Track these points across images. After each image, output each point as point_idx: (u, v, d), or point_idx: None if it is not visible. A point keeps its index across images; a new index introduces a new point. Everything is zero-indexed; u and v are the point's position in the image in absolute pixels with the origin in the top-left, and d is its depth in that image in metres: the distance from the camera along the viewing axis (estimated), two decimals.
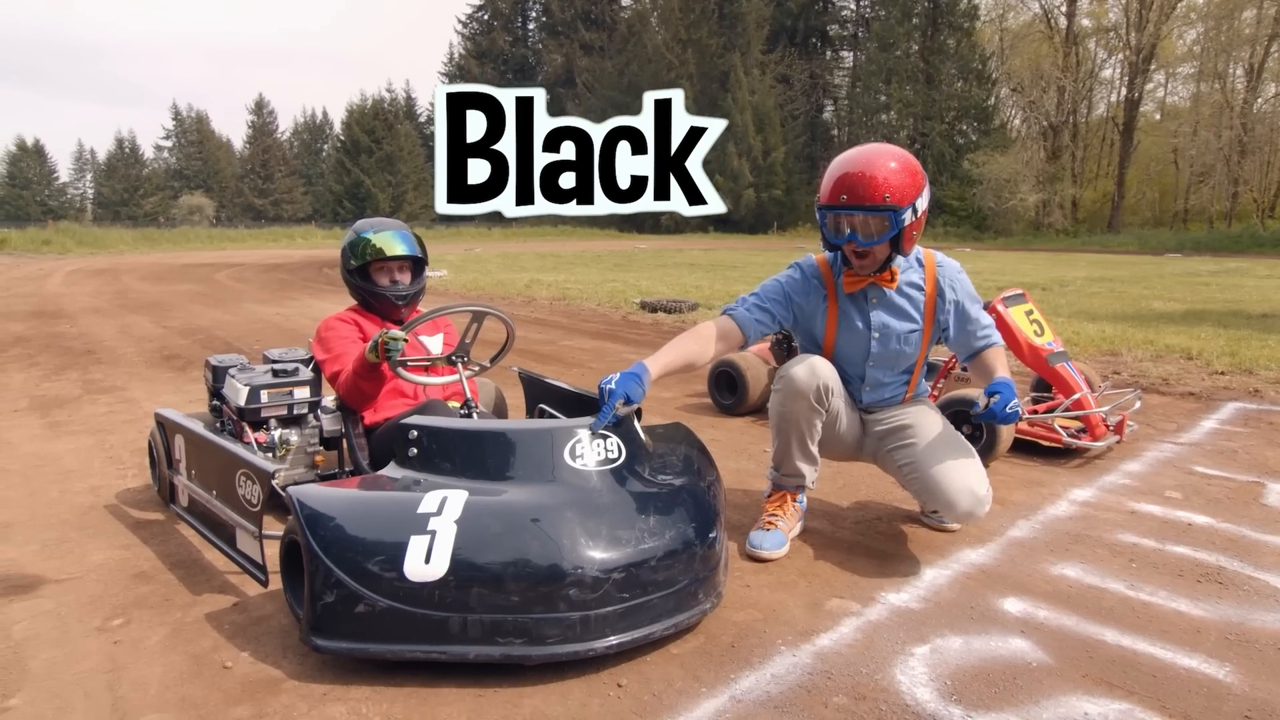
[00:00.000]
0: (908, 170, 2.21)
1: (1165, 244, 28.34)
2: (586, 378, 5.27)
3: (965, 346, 2.51)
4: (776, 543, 2.41)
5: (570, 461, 1.92)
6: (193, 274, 15.47)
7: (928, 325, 2.46)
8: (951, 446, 2.41)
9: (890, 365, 2.50)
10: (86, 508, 2.83)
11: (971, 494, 2.29)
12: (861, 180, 2.18)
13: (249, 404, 2.58)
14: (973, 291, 2.51)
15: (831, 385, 2.40)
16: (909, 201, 2.19)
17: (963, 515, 2.33)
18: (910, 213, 2.20)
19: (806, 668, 1.78)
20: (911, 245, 2.31)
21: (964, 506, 2.29)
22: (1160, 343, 6.04)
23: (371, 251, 2.68)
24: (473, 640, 1.69)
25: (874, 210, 2.18)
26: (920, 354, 2.52)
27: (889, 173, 2.17)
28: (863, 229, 2.23)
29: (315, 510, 1.80)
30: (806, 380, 2.37)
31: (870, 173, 2.18)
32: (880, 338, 2.43)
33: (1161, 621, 1.99)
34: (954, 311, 2.46)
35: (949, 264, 2.49)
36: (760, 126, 44.39)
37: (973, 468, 2.35)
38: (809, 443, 2.47)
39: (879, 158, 2.21)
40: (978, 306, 2.50)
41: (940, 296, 2.44)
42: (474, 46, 59.44)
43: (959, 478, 2.31)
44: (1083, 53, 39.45)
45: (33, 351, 6.30)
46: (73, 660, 1.83)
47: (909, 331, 2.43)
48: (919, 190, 2.22)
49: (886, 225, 2.20)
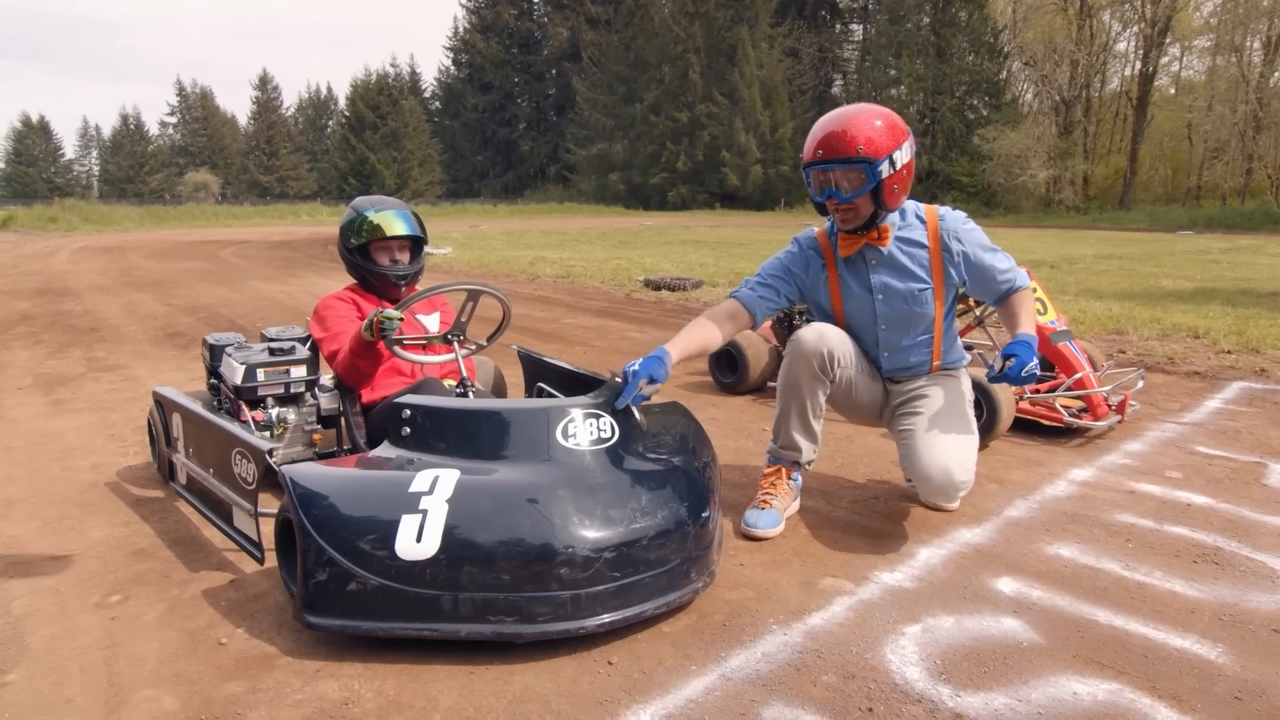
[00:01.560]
0: (883, 124, 2.23)
1: (1177, 221, 28.02)
2: (588, 356, 5.27)
3: (988, 294, 2.48)
4: (771, 521, 2.41)
5: (563, 441, 1.92)
6: (198, 251, 15.49)
7: (938, 281, 2.42)
8: (951, 422, 2.40)
9: (903, 327, 2.47)
10: (88, 485, 2.85)
11: (945, 473, 2.28)
12: (835, 135, 2.22)
13: (245, 382, 2.59)
14: (984, 240, 2.43)
15: (838, 354, 2.41)
16: (884, 154, 2.21)
17: (934, 492, 2.33)
18: (887, 165, 2.22)
19: (797, 646, 1.78)
20: (895, 199, 2.30)
21: (936, 483, 2.30)
22: (1167, 321, 5.99)
23: (371, 230, 2.67)
24: (464, 618, 1.70)
25: (849, 163, 2.21)
26: (937, 313, 2.46)
27: (863, 126, 2.21)
28: (841, 183, 2.27)
29: (308, 489, 1.81)
30: (813, 346, 2.39)
31: (844, 128, 2.22)
32: (884, 299, 2.43)
33: (1155, 602, 1.99)
34: (964, 263, 2.40)
35: (952, 216, 2.43)
36: (768, 101, 43.95)
37: (960, 449, 2.33)
38: (809, 415, 2.47)
39: (855, 114, 2.25)
40: (993, 254, 2.42)
41: (946, 250, 2.39)
42: (478, 20, 58.86)
43: (940, 455, 2.30)
44: (1097, 25, 38.75)
45: (37, 329, 6.33)
46: (71, 636, 1.85)
47: (917, 290, 2.40)
48: (897, 143, 2.23)
49: (864, 178, 2.23)
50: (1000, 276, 2.43)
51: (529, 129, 59.77)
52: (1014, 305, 2.43)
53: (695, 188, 44.50)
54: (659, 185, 45.01)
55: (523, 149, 59.21)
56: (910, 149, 2.28)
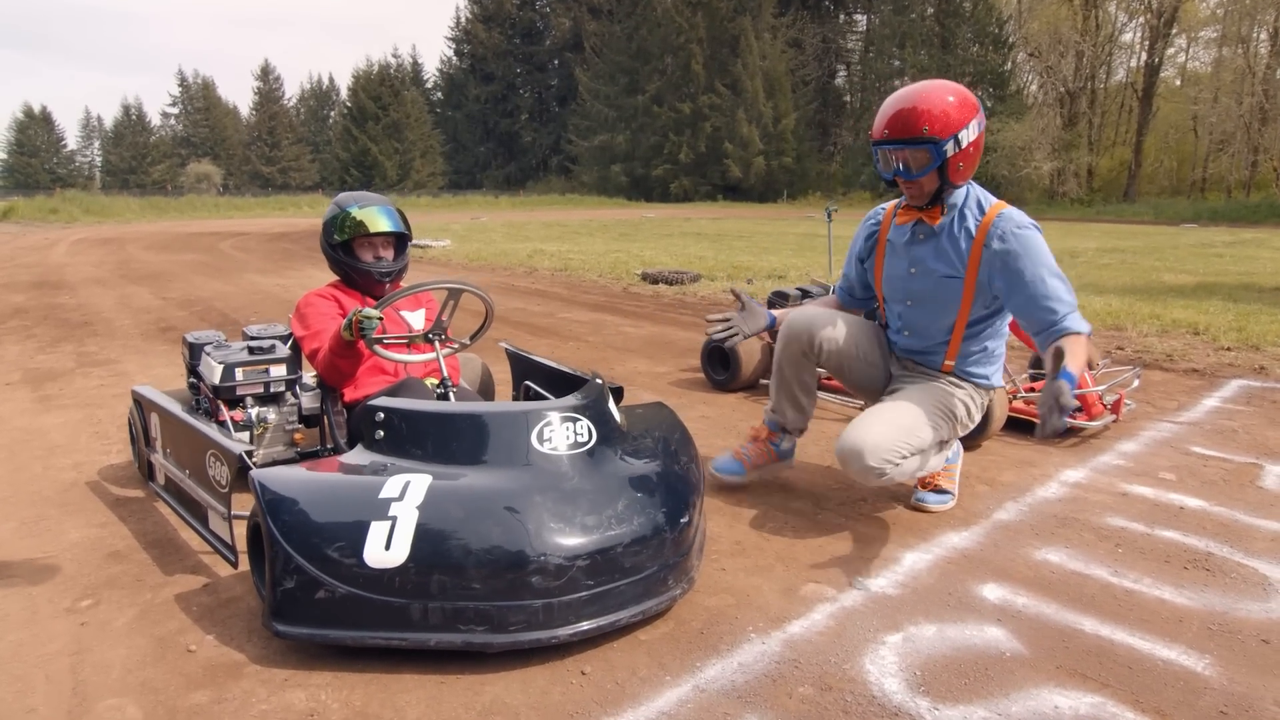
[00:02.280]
0: (950, 103, 2.23)
1: (1182, 213, 27.86)
2: (581, 352, 5.23)
3: (1029, 320, 2.26)
4: (733, 469, 2.66)
5: (539, 445, 1.88)
6: (197, 243, 15.46)
7: (970, 276, 2.34)
8: (898, 411, 2.35)
9: (926, 311, 2.46)
10: (68, 484, 2.82)
11: (857, 454, 2.24)
12: (903, 115, 2.24)
13: (224, 382, 2.55)
14: (1041, 253, 2.24)
15: (821, 337, 2.52)
16: (950, 134, 2.21)
17: (844, 467, 2.32)
18: (952, 144, 2.23)
19: (775, 656, 1.75)
20: (960, 176, 2.31)
21: (843, 457, 2.29)
22: (1167, 317, 5.93)
23: (355, 226, 2.63)
24: (434, 627, 1.67)
25: (914, 143, 2.24)
26: (962, 312, 2.40)
27: (930, 106, 2.22)
28: (907, 162, 2.30)
29: (277, 494, 1.77)
30: (799, 328, 2.53)
31: (910, 106, 2.23)
32: (916, 274, 2.45)
33: (1143, 610, 1.95)
34: (1002, 267, 2.26)
35: (1011, 216, 2.31)
36: (771, 92, 43.72)
37: (884, 433, 2.27)
38: (795, 391, 2.62)
39: (924, 92, 2.26)
40: (1048, 273, 2.22)
41: (986, 247, 2.29)
42: (481, 10, 58.58)
43: (859, 432, 2.28)
44: (1102, 16, 38.48)
45: (30, 323, 6.30)
46: (39, 642, 1.82)
47: (947, 276, 2.38)
48: (963, 123, 2.23)
49: (929, 157, 2.25)
50: (1046, 303, 2.19)
51: (531, 120, 59.56)
52: (1062, 344, 2.05)
53: (698, 179, 44.34)
54: (661, 177, 44.86)
55: (525, 140, 59.02)
56: (979, 125, 2.28)
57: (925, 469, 2.49)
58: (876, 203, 3.00)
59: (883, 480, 2.31)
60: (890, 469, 2.29)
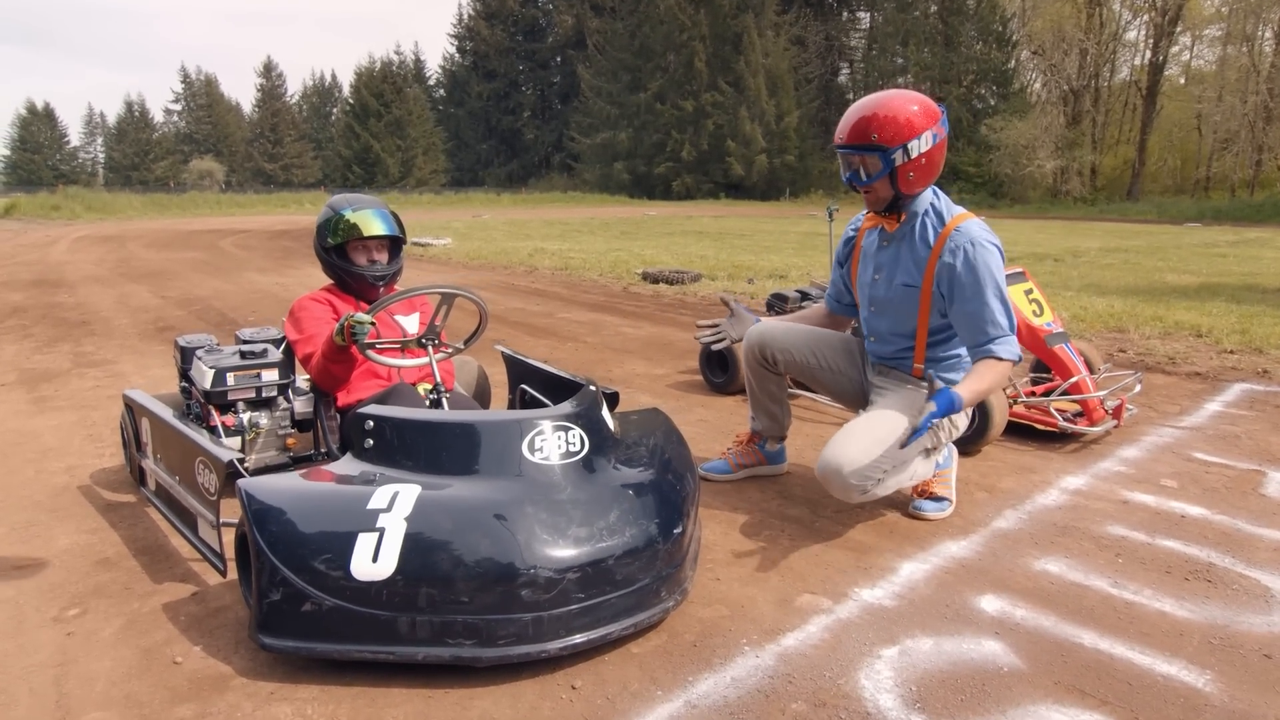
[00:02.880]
0: (906, 113, 2.26)
1: (1185, 212, 27.78)
2: (580, 353, 5.21)
3: (965, 334, 2.33)
4: (719, 468, 2.84)
5: (529, 455, 1.86)
6: (198, 241, 15.44)
7: (926, 286, 2.38)
8: (875, 424, 2.33)
9: (888, 317, 2.51)
10: (60, 488, 2.80)
11: (833, 463, 2.23)
12: (858, 122, 2.30)
13: (215, 387, 2.53)
14: (989, 271, 2.27)
15: (774, 348, 2.67)
16: (899, 143, 2.26)
17: (819, 477, 2.31)
18: (901, 153, 2.27)
19: (768, 670, 1.72)
20: (911, 185, 2.33)
21: (823, 475, 2.28)
22: (1170, 319, 5.89)
23: (348, 229, 2.61)
24: (421, 641, 1.64)
25: (864, 150, 2.30)
26: (922, 320, 2.42)
27: (884, 114, 2.26)
28: (860, 167, 2.36)
29: (264, 504, 1.75)
30: (752, 340, 2.71)
31: (866, 114, 2.28)
32: (879, 280, 2.51)
33: (1143, 623, 1.92)
34: (950, 278, 2.31)
35: (969, 230, 2.32)
36: (773, 90, 43.62)
37: (861, 448, 2.24)
38: (764, 399, 2.79)
39: (883, 100, 2.30)
40: (992, 296, 2.25)
41: (941, 258, 2.34)
42: (483, 7, 58.47)
43: (837, 449, 2.26)
44: (1106, 14, 38.35)
45: (28, 323, 6.29)
46: (24, 653, 1.80)
47: (905, 284, 2.43)
48: (915, 133, 2.26)
49: (879, 164, 2.29)
50: (981, 323, 2.27)
51: (533, 117, 59.47)
52: (979, 366, 2.27)
53: (700, 177, 44.25)
54: (663, 175, 44.78)
55: (527, 137, 58.94)
56: (932, 138, 2.29)
57: (914, 479, 2.46)
58: None
59: (866, 496, 2.28)
60: (871, 485, 2.26)
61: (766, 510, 2.62)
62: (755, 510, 2.63)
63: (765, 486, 2.84)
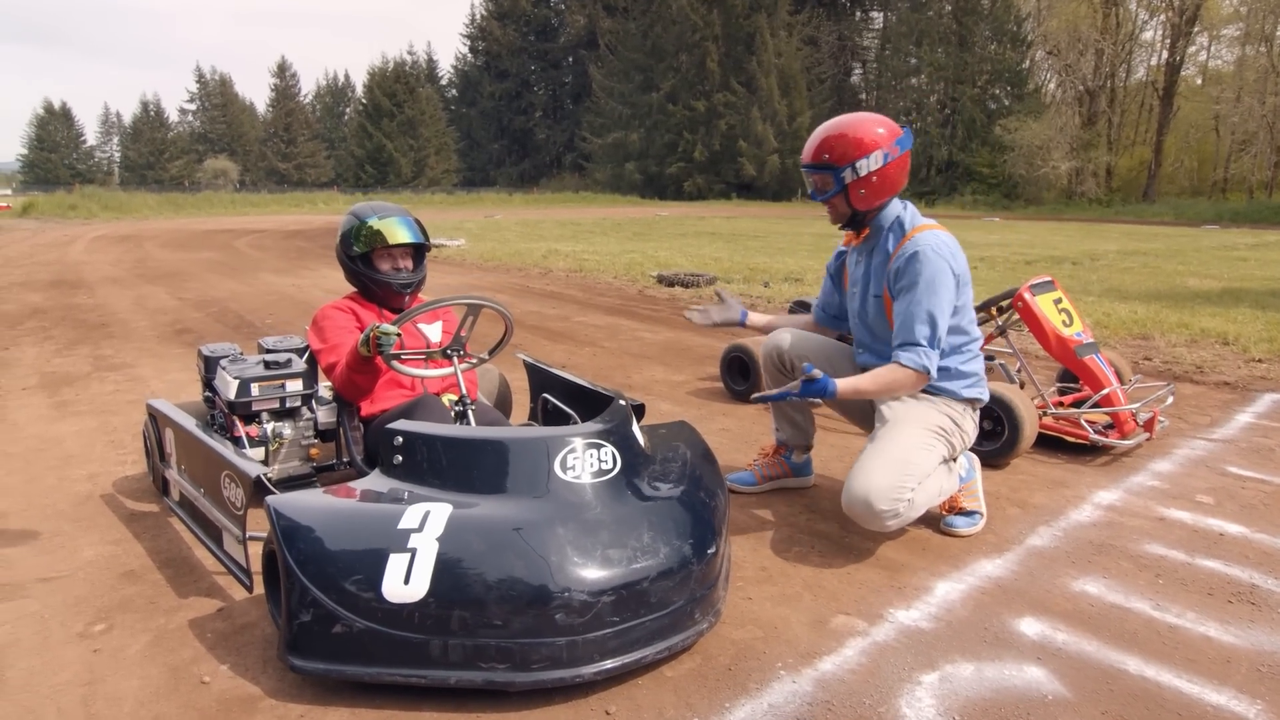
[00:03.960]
0: (853, 134, 2.37)
1: (1203, 214, 27.50)
2: (598, 358, 5.18)
3: (895, 337, 2.37)
4: (745, 480, 2.87)
5: (562, 474, 1.83)
6: (213, 241, 15.51)
7: (886, 296, 2.45)
8: (888, 446, 2.31)
9: (867, 328, 2.57)
10: (83, 497, 2.79)
11: (865, 503, 2.22)
12: (814, 142, 2.44)
13: (239, 397, 2.51)
14: (929, 281, 2.28)
15: (790, 355, 2.67)
16: (847, 162, 2.36)
17: (857, 519, 2.29)
18: (850, 171, 2.37)
19: (806, 697, 1.68)
20: (862, 202, 2.42)
21: (856, 511, 2.26)
22: (1195, 326, 5.81)
23: (373, 237, 2.59)
24: (454, 665, 1.61)
25: (817, 168, 2.43)
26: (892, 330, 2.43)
27: (834, 135, 2.39)
28: (816, 184, 2.48)
29: (293, 522, 1.72)
30: (769, 346, 2.73)
31: (823, 136, 2.42)
32: (856, 293, 2.60)
33: (1188, 649, 1.87)
34: (894, 281, 2.39)
35: (922, 239, 2.35)
36: (786, 90, 43.45)
37: (884, 475, 2.23)
38: (785, 407, 2.79)
39: (836, 122, 2.43)
40: (920, 309, 2.28)
41: (894, 265, 2.41)
42: (496, 8, 58.55)
43: (861, 481, 2.25)
44: (1123, 14, 37.95)
45: (48, 324, 6.31)
46: (51, 670, 1.78)
47: (875, 295, 2.50)
48: (864, 153, 2.35)
49: (830, 182, 2.41)
50: (901, 329, 2.33)
51: (545, 117, 59.51)
52: (877, 370, 2.37)
53: (711, 178, 44.16)
54: (675, 175, 44.72)
55: (539, 137, 58.99)
56: (883, 158, 2.35)
57: (942, 494, 2.42)
58: None
59: (900, 521, 2.26)
60: (903, 507, 2.23)
61: (795, 525, 2.58)
62: (783, 525, 2.59)
63: (792, 500, 2.80)
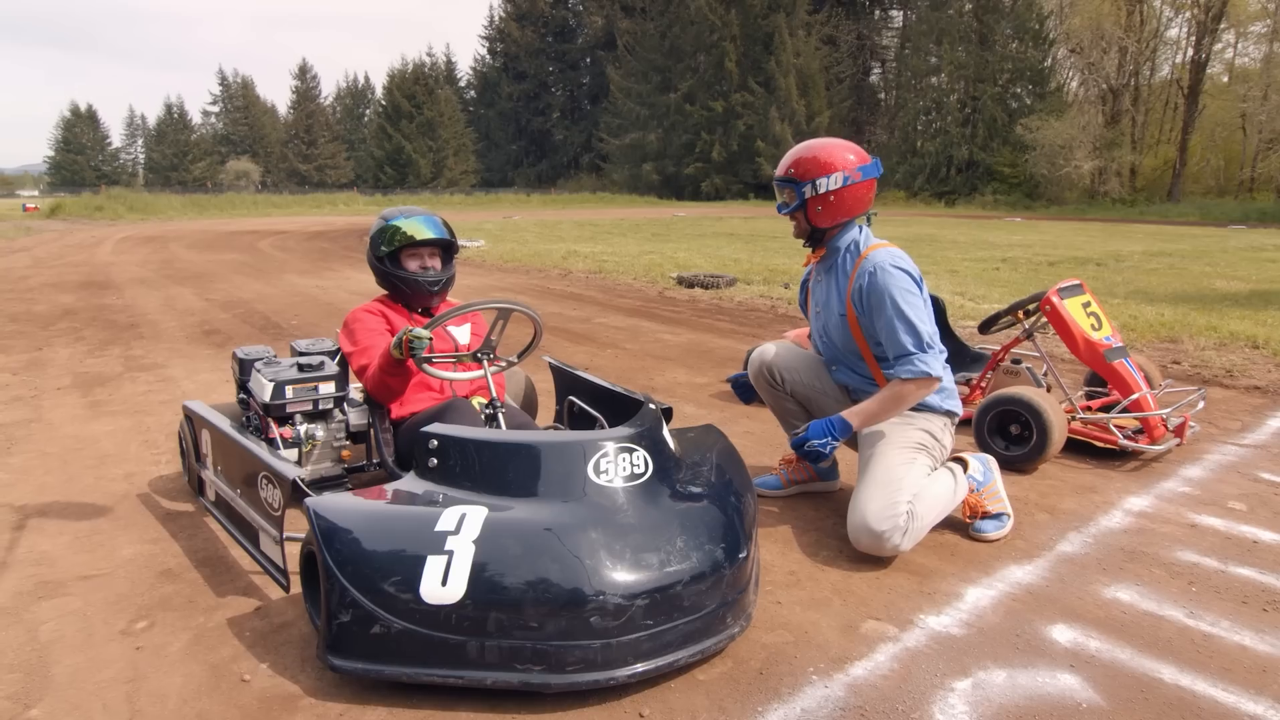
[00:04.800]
0: (821, 156, 2.50)
1: (1229, 214, 27.09)
2: (619, 360, 5.19)
3: (888, 353, 2.44)
4: (771, 484, 2.88)
5: (595, 478, 1.84)
6: (237, 242, 15.70)
7: (850, 313, 2.52)
8: (876, 468, 2.38)
9: (834, 347, 2.64)
10: (120, 496, 2.85)
11: (865, 529, 2.28)
12: (785, 160, 2.58)
13: (274, 400, 2.55)
14: (894, 294, 2.38)
15: (778, 369, 2.76)
16: (809, 178, 2.49)
17: (864, 548, 2.33)
18: (810, 188, 2.49)
19: (839, 702, 1.69)
20: (818, 219, 2.53)
21: (862, 542, 2.32)
22: (1224, 329, 5.73)
23: (401, 238, 2.63)
24: (490, 666, 1.63)
25: (784, 182, 2.56)
26: (860, 347, 2.54)
27: (799, 155, 2.54)
28: (782, 197, 2.60)
29: (332, 524, 1.75)
30: (755, 360, 2.81)
31: (793, 154, 2.56)
32: (820, 313, 2.69)
33: (1224, 658, 1.86)
34: (864, 303, 2.46)
35: (878, 256, 2.47)
36: (804, 90, 43.30)
37: (877, 497, 2.29)
38: (788, 418, 2.84)
39: (808, 144, 2.56)
40: (899, 319, 2.37)
41: (856, 286, 2.49)
42: (514, 9, 58.81)
43: (859, 509, 2.32)
44: (1147, 11, 37.46)
45: (79, 325, 6.42)
46: (95, 667, 1.82)
47: (839, 314, 2.57)
48: (825, 172, 2.48)
49: (793, 196, 2.53)
50: (892, 346, 2.40)
51: (563, 118, 59.69)
52: (881, 390, 2.44)
53: (729, 178, 44.08)
54: (692, 175, 44.69)
55: (556, 138, 59.18)
56: (843, 179, 2.47)
57: (950, 501, 2.44)
58: (910, 203, 3.08)
59: (909, 538, 2.28)
60: (902, 520, 2.26)
61: (822, 529, 2.58)
62: (811, 529, 2.59)
63: (820, 503, 2.81)
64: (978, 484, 2.53)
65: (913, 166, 40.19)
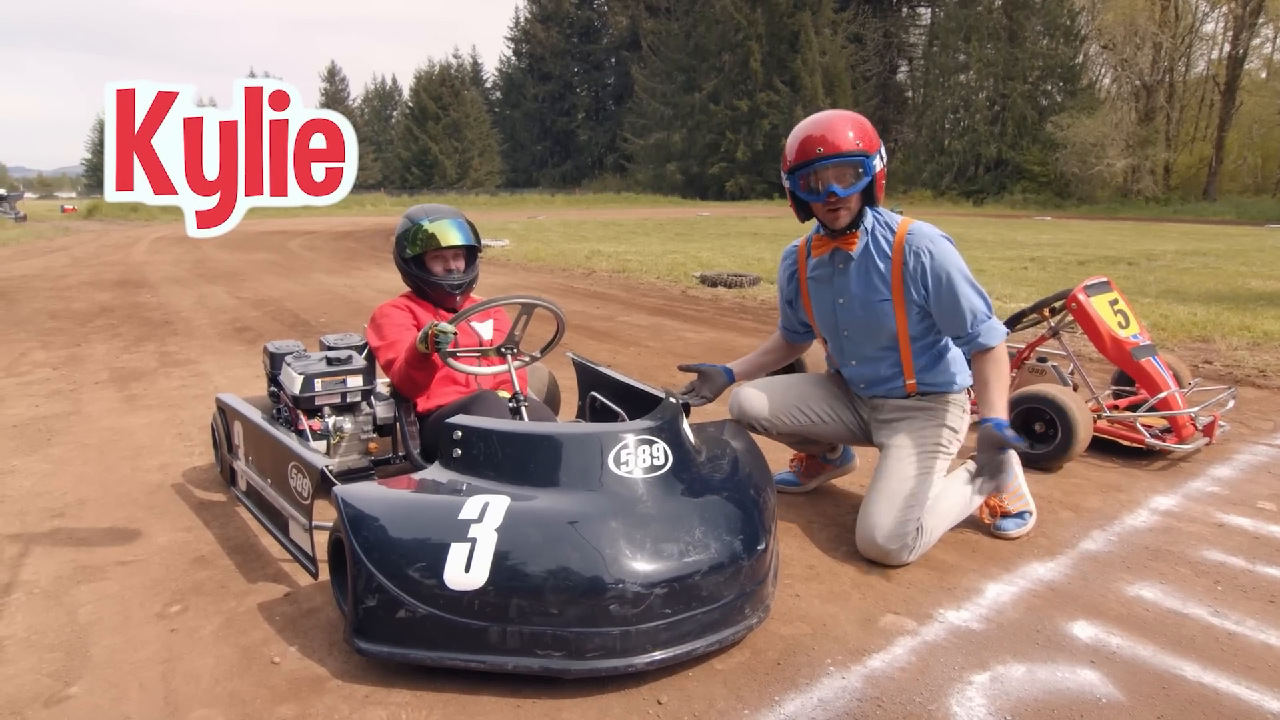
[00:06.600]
0: (864, 124, 2.30)
1: (1266, 213, 26.48)
2: (642, 358, 5.22)
3: (953, 330, 2.35)
4: (788, 480, 2.88)
5: (615, 469, 1.87)
6: (268, 242, 15.96)
7: (898, 295, 2.36)
8: (892, 478, 2.34)
9: (864, 336, 2.47)
10: (155, 486, 2.93)
11: (871, 542, 2.26)
12: (831, 133, 2.25)
13: (304, 392, 2.61)
14: (956, 264, 2.30)
15: (758, 420, 2.62)
16: (875, 149, 2.28)
17: (861, 552, 2.32)
18: (878, 159, 2.29)
19: (856, 693, 1.70)
20: (879, 196, 2.34)
21: (869, 554, 2.30)
22: (1258, 329, 5.63)
23: (427, 240, 2.67)
24: (511, 651, 1.67)
25: (848, 157, 2.25)
26: (900, 329, 2.40)
27: (853, 125, 2.28)
28: (838, 179, 2.28)
29: (359, 511, 1.80)
30: (735, 412, 2.65)
31: (836, 125, 2.27)
32: (844, 303, 2.46)
33: (1248, 656, 1.84)
34: (920, 279, 2.32)
35: (922, 231, 2.34)
36: (830, 89, 43.02)
37: (890, 511, 2.26)
38: (792, 441, 2.75)
39: (838, 116, 2.31)
40: (965, 286, 2.29)
41: (905, 264, 2.33)
42: (539, 10, 59.11)
43: (869, 520, 2.29)
44: (1182, 6, 36.71)
45: (116, 322, 6.58)
46: (131, 648, 1.89)
47: (877, 300, 2.39)
48: (880, 143, 2.31)
49: (860, 172, 2.27)
50: (960, 314, 2.29)
51: (587, 118, 59.89)
52: (983, 370, 2.31)
53: (754, 178, 43.91)
54: (717, 175, 44.59)
55: (581, 138, 59.40)
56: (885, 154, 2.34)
57: (963, 511, 2.43)
58: (937, 201, 3.02)
59: (917, 550, 2.28)
60: (911, 539, 2.25)
61: (842, 524, 2.59)
62: (830, 524, 2.60)
63: (839, 499, 2.81)
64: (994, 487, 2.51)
65: (940, 165, 39.77)
